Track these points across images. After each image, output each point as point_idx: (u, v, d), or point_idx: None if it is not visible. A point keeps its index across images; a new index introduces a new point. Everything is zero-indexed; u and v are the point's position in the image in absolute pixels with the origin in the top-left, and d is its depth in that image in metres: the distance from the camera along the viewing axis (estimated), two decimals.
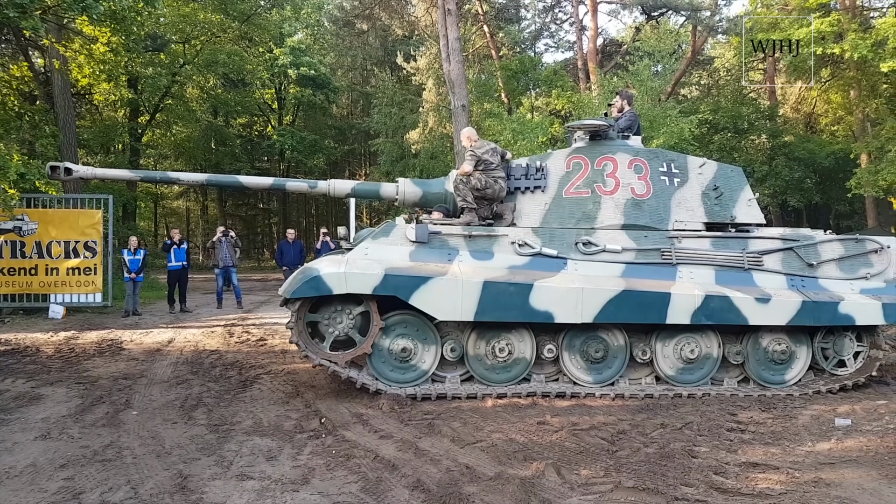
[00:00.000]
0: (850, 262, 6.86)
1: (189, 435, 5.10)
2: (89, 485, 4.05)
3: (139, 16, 12.93)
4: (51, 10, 11.16)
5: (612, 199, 6.83)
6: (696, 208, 6.99)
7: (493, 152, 6.86)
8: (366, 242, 6.54)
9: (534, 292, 6.10)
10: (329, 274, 6.02)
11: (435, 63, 24.46)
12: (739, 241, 6.82)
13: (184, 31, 20.47)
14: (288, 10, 26.23)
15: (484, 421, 5.49)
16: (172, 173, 7.88)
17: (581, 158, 6.99)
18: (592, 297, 6.15)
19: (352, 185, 7.61)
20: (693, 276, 6.52)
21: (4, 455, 4.59)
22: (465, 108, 17.62)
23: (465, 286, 6.06)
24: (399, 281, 6.05)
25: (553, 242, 6.58)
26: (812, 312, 6.40)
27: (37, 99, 18.45)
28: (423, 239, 6.47)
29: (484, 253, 6.49)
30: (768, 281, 6.61)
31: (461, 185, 6.78)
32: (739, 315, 6.29)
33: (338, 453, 4.68)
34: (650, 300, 6.21)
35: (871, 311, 6.50)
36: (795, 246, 6.80)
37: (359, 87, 31.97)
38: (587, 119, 7.43)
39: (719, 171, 7.23)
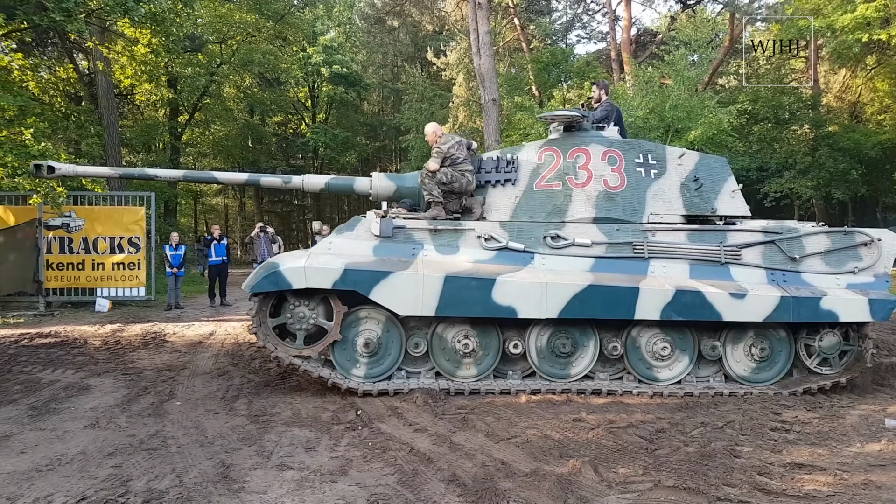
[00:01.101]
0: (838, 255, 6.57)
1: (230, 425, 5.23)
2: (136, 472, 4.19)
3: (178, 17, 13.23)
4: (94, 14, 11.49)
5: (584, 191, 6.69)
6: (674, 200, 6.82)
7: (458, 146, 6.78)
8: (331, 237, 6.58)
9: (496, 287, 6.01)
10: (289, 269, 6.00)
11: (465, 58, 24.44)
12: (717, 234, 6.59)
13: (220, 32, 20.84)
14: (320, 8, 26.50)
15: (518, 417, 5.50)
16: (151, 170, 8.07)
17: (553, 150, 6.87)
18: (557, 292, 6.03)
19: (325, 180, 7.65)
20: (666, 270, 6.35)
21: (56, 443, 4.77)
22: (496, 103, 17.57)
23: (426, 281, 6.00)
24: (359, 276, 6.02)
25: (521, 236, 6.51)
26: (791, 308, 6.14)
27: (82, 100, 19.01)
28: (387, 233, 6.44)
29: (449, 247, 6.44)
30: (747, 275, 6.39)
31: (427, 180, 6.74)
32: (713, 311, 6.08)
33: (374, 445, 4.75)
34: (617, 295, 6.06)
35: (857, 308, 6.19)
36: (777, 239, 6.55)
37: (389, 84, 32.14)
38: (559, 110, 7.24)
39: (701, 161, 7.02)
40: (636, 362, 6.47)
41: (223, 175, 8.06)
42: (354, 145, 30.10)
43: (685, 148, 14.51)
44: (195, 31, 20.35)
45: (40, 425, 5.20)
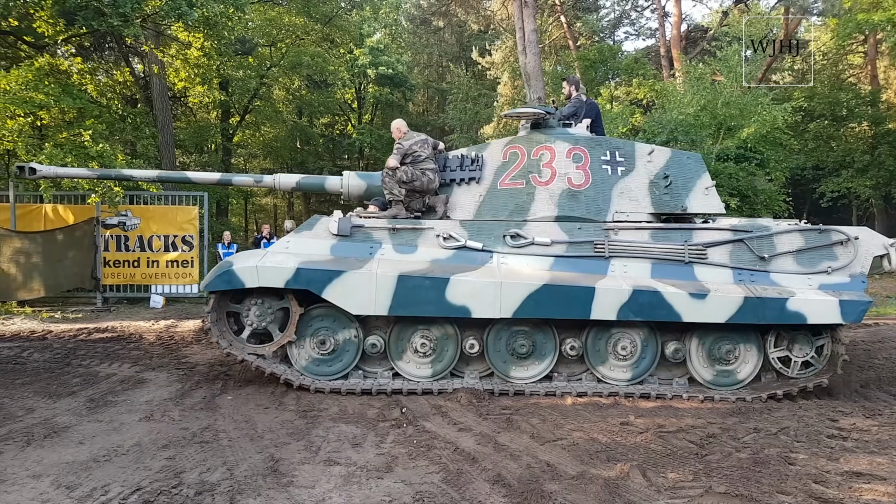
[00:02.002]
0: (811, 254, 6.29)
1: (280, 420, 5.33)
2: (189, 465, 4.30)
3: (229, 21, 13.54)
4: (150, 18, 11.87)
5: (547, 190, 6.60)
6: (642, 198, 6.69)
7: (422, 144, 6.76)
8: (289, 236, 6.62)
9: (450, 286, 5.96)
10: (242, 268, 6.07)
11: (510, 56, 24.33)
12: (682, 232, 6.40)
13: (270, 35, 21.23)
14: (367, 10, 26.74)
15: (564, 419, 5.45)
16: (126, 171, 8.22)
17: (518, 148, 6.80)
18: (512, 292, 5.95)
19: (297, 179, 7.69)
20: (626, 269, 6.22)
21: (113, 434, 4.93)
22: (542, 101, 17.43)
23: (380, 280, 5.98)
24: (311, 275, 6.03)
25: (481, 235, 6.45)
26: (755, 310, 5.89)
27: (137, 102, 19.66)
28: (345, 232, 6.44)
29: (407, 246, 6.41)
30: (711, 275, 6.19)
31: (387, 179, 6.73)
32: (672, 311, 5.91)
33: (419, 443, 4.77)
34: (573, 295, 5.95)
35: (826, 309, 5.89)
36: (746, 237, 6.30)
37: (434, 84, 32.23)
38: (522, 107, 7.06)
39: (672, 158, 6.86)
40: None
41: (196, 175, 8.23)
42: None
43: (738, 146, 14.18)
44: (246, 34, 20.80)
45: (98, 417, 5.39)
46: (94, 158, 10.79)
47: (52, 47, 13.86)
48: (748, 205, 14.90)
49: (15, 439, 4.75)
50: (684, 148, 13.94)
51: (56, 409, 5.62)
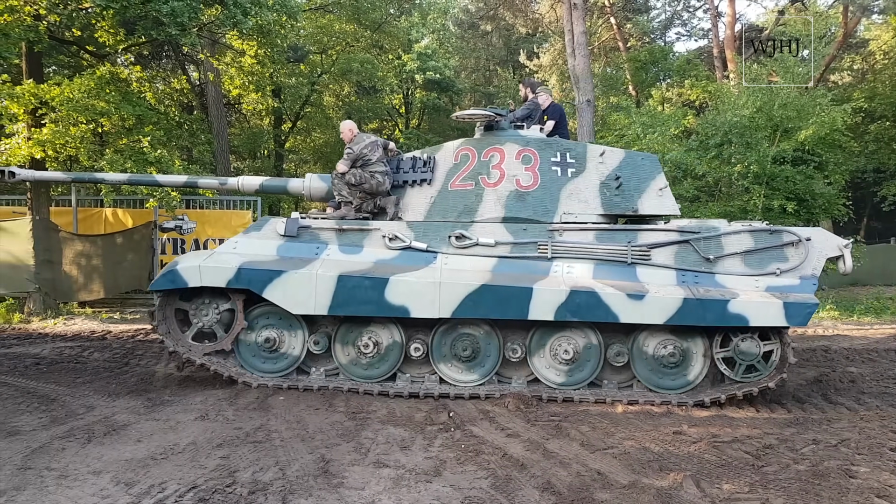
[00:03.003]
0: (760, 255, 6.12)
1: (329, 421, 5.40)
2: (242, 464, 4.39)
3: (282, 29, 13.84)
4: (206, 27, 12.22)
5: (495, 191, 6.62)
6: (592, 199, 6.65)
7: (373, 147, 6.81)
8: (238, 236, 6.74)
9: (389, 286, 6.02)
10: (185, 267, 6.19)
11: (559, 59, 24.14)
12: (627, 233, 6.35)
13: (321, 42, 21.62)
14: (416, 16, 26.94)
15: (615, 427, 5.36)
16: (98, 174, 8.48)
17: (469, 150, 6.84)
18: (450, 292, 5.98)
19: (260, 182, 7.77)
20: (569, 270, 6.20)
21: (169, 433, 5.07)
22: (591, 103, 17.24)
23: (319, 280, 6.05)
24: (252, 274, 6.14)
25: (428, 236, 6.50)
26: (695, 311, 5.77)
27: (194, 109, 20.28)
28: (291, 233, 6.55)
29: (353, 247, 6.50)
30: (654, 276, 6.11)
31: (336, 181, 6.82)
32: (609, 312, 5.85)
33: (467, 448, 4.76)
34: (510, 295, 5.94)
35: (769, 311, 5.72)
36: (692, 238, 6.20)
37: (481, 88, 32.22)
38: (472, 109, 7.08)
39: (626, 159, 6.81)
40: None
41: (163, 178, 8.45)
42: None
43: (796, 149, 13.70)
44: (298, 42, 21.22)
45: (155, 416, 5.55)
46: (153, 164, 11.17)
47: (112, 56, 14.40)
48: (806, 209, 14.39)
49: (76, 436, 4.93)
50: (739, 150, 13.57)
51: (115, 407, 5.82)
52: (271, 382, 6.38)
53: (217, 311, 6.49)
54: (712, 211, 13.60)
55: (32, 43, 10.86)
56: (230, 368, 6.46)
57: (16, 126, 11.17)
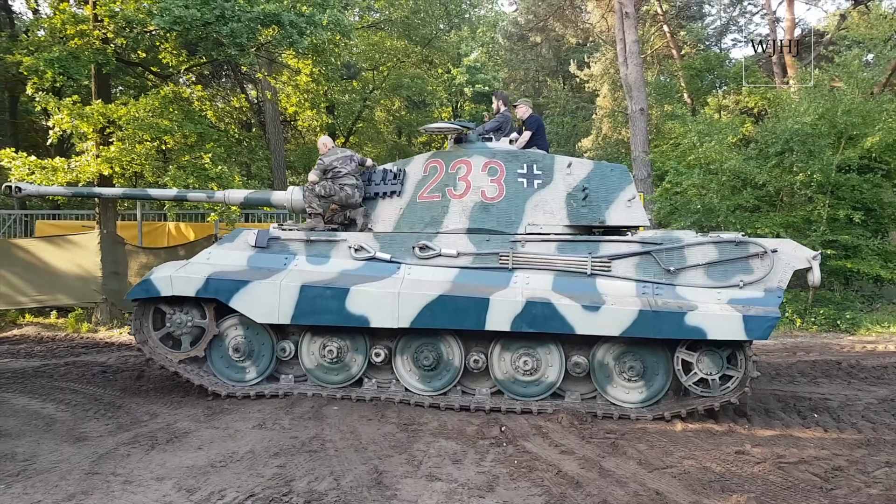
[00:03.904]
0: (724, 267, 6.00)
1: (382, 432, 5.43)
2: (298, 473, 4.46)
3: (336, 47, 14.16)
4: (263, 47, 12.60)
5: (461, 202, 6.71)
6: (558, 211, 6.67)
7: (345, 160, 6.99)
8: (211, 248, 6.98)
9: (350, 296, 6.15)
10: (158, 277, 6.46)
11: (610, 68, 23.87)
12: (588, 244, 6.32)
13: (373, 59, 21.99)
14: (465, 30, 27.14)
15: (673, 445, 5.21)
16: (96, 189, 8.91)
17: (437, 162, 6.96)
18: (409, 302, 6.07)
19: (244, 194, 8.06)
20: (528, 281, 6.19)
21: (229, 441, 5.20)
22: (644, 112, 16.99)
23: (283, 290, 6.24)
24: (219, 284, 6.37)
25: (394, 247, 6.61)
26: (651, 323, 5.67)
27: (252, 126, 20.91)
28: (262, 244, 6.76)
29: (320, 257, 6.66)
30: (613, 288, 6.05)
31: (307, 193, 7.05)
32: (564, 323, 5.83)
33: (520, 464, 4.71)
34: (467, 305, 6.00)
35: (727, 324, 5.57)
36: (654, 250, 6.13)
37: (531, 99, 32.16)
38: (440, 123, 7.18)
39: (594, 170, 6.80)
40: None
41: (156, 192, 8.79)
42: None
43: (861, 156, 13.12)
44: (351, 59, 21.66)
45: (214, 424, 5.70)
46: (214, 180, 11.54)
47: (175, 76, 15.00)
48: (874, 218, 13.76)
49: (141, 443, 5.11)
50: (801, 159, 13.10)
51: (177, 414, 6.00)
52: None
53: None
54: (773, 221, 13.14)
55: (101, 65, 11.41)
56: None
57: (86, 144, 11.74)
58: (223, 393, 6.54)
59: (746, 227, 12.95)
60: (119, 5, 10.87)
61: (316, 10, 11.67)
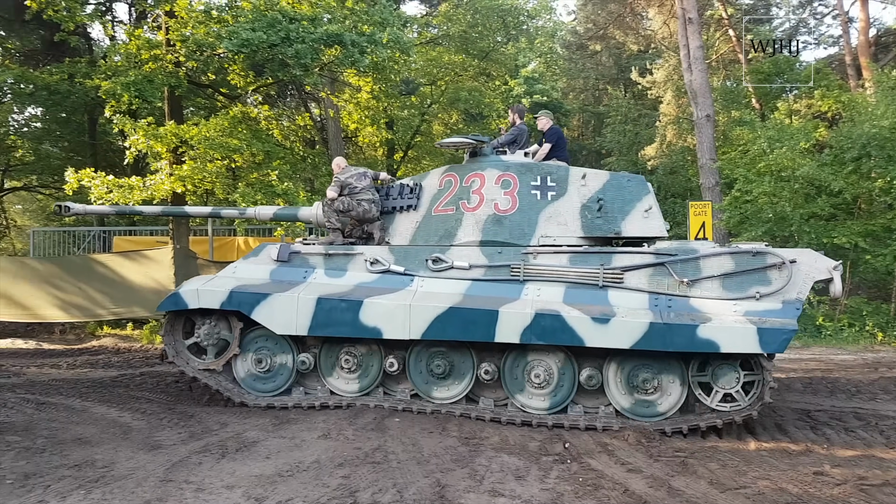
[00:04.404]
0: (741, 279, 5.82)
1: (444, 445, 5.43)
2: (362, 484, 4.49)
3: (396, 64, 14.40)
4: (326, 67, 12.95)
5: (474, 215, 6.77)
6: (572, 222, 6.63)
7: (360, 177, 7.21)
8: (238, 262, 7.28)
9: (363, 308, 6.29)
10: (186, 291, 6.76)
11: (674, 74, 23.36)
12: (601, 256, 6.24)
13: (431, 74, 22.25)
14: (523, 42, 27.12)
15: (747, 465, 5.00)
16: (137, 207, 9.50)
17: (452, 176, 7.06)
18: (420, 314, 6.16)
19: (273, 211, 8.38)
20: (540, 293, 6.16)
21: (295, 450, 5.30)
22: (710, 118, 16.54)
23: (301, 302, 6.42)
24: (242, 297, 6.60)
25: (408, 259, 6.72)
26: (662, 336, 5.57)
27: (315, 143, 21.46)
28: (283, 258, 6.99)
29: (338, 271, 6.83)
30: (625, 300, 5.94)
31: (326, 208, 7.31)
32: (574, 336, 5.78)
33: (585, 482, 4.61)
34: (477, 318, 6.03)
35: (742, 337, 5.41)
36: (669, 261, 5.99)
37: (590, 108, 31.77)
38: (455, 137, 7.19)
39: (610, 181, 6.73)
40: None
41: (193, 209, 9.28)
42: None
43: None
44: (410, 75, 21.98)
45: (282, 433, 5.82)
46: (280, 196, 11.90)
47: (243, 97, 15.58)
48: None
49: (212, 451, 5.26)
50: (880, 164, 12.46)
51: (246, 424, 6.16)
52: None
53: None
54: (851, 230, 12.51)
55: (173, 87, 11.97)
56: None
57: (160, 163, 12.32)
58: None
59: (822, 236, 12.40)
60: (190, 30, 11.40)
61: (376, 29, 11.93)
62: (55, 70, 15.19)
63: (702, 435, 5.82)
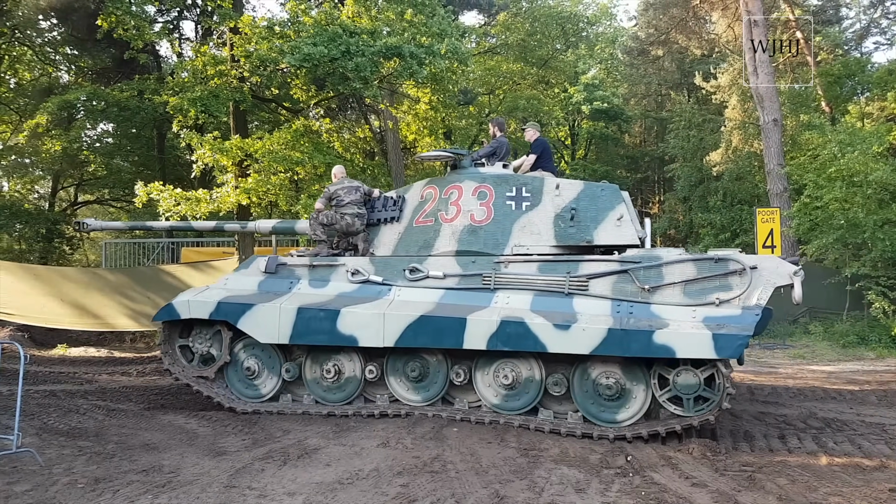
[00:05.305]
0: (702, 285, 5.91)
1: (502, 456, 5.39)
2: (421, 493, 4.50)
3: (454, 75, 14.51)
4: (385, 79, 13.17)
5: (451, 226, 6.95)
6: (545, 231, 6.74)
7: (350, 190, 7.39)
8: (230, 273, 7.58)
9: (340, 317, 6.51)
10: (179, 302, 7.06)
11: (739, 78, 22.66)
12: (568, 264, 6.39)
13: (489, 83, 22.35)
14: (582, 48, 26.87)
15: (818, 481, 4.78)
16: (149, 223, 9.90)
17: (433, 188, 7.26)
18: (393, 322, 6.35)
19: (273, 224, 8.72)
20: (509, 301, 6.31)
21: (355, 458, 5.37)
22: (777, 123, 15.98)
23: (282, 312, 6.66)
24: (228, 307, 6.86)
25: (387, 270, 6.91)
26: (620, 342, 5.70)
27: (375, 155, 21.82)
28: (271, 269, 7.23)
29: (321, 281, 7.05)
30: (589, 307, 6.06)
31: (312, 221, 7.54)
32: (537, 342, 5.96)
33: (647, 495, 4.50)
34: (446, 325, 6.23)
35: (697, 343, 5.47)
36: (632, 268, 6.09)
37: (653, 114, 31.15)
38: (434, 151, 7.34)
39: (584, 191, 6.81)
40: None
41: (198, 224, 9.57)
42: (614, 179, 29.68)
43: None
44: (468, 85, 22.11)
45: (342, 441, 5.91)
46: None
47: (305, 111, 15.98)
48: None
49: (274, 458, 5.37)
50: None
51: (308, 431, 6.28)
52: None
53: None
54: None
55: (238, 102, 12.41)
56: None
57: (225, 176, 12.77)
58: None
59: None
60: (254, 46, 11.80)
61: (435, 41, 12.05)
62: (125, 87, 15.98)
63: (770, 450, 5.61)
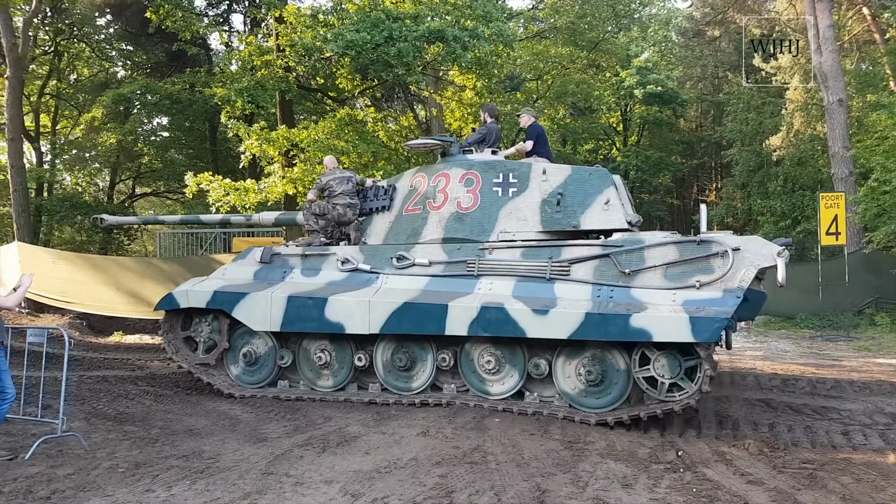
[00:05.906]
0: (683, 268, 5.82)
1: (545, 448, 5.21)
2: (459, 484, 4.37)
3: (499, 59, 14.27)
4: (429, 65, 13.05)
5: (438, 213, 6.99)
6: (531, 217, 6.71)
7: (342, 181, 7.48)
8: (228, 264, 7.73)
9: (328, 305, 6.59)
10: (178, 291, 7.24)
11: (801, 58, 21.61)
12: (550, 249, 6.39)
13: (537, 69, 21.95)
14: (635, 30, 26.12)
15: (885, 480, 4.46)
16: (160, 216, 9.86)
17: (422, 177, 7.29)
18: (378, 310, 6.41)
19: (275, 216, 8.81)
20: (492, 287, 6.33)
21: (394, 447, 5.28)
22: (843, 103, 15.16)
23: (273, 300, 6.77)
24: (223, 297, 7.02)
25: (376, 258, 6.97)
26: (597, 326, 5.69)
27: None
28: (266, 259, 7.38)
29: (313, 270, 7.16)
30: (570, 291, 6.05)
31: (305, 211, 7.68)
32: (517, 327, 5.98)
33: (699, 492, 4.25)
34: (428, 312, 6.27)
35: (673, 326, 5.38)
36: (613, 252, 6.08)
37: (709, 97, 30.09)
38: (422, 139, 7.16)
39: (572, 175, 6.78)
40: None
41: (206, 217, 9.96)
42: (668, 165, 28.84)
43: None
44: (514, 70, 21.76)
45: (382, 429, 5.84)
46: None
47: (350, 101, 16.01)
48: None
49: (313, 445, 5.34)
50: None
51: (349, 419, 6.24)
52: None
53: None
54: None
55: (284, 92, 12.50)
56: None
57: (272, 167, 12.90)
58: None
59: None
60: (298, 35, 11.84)
61: (479, 24, 11.84)
62: (177, 80, 16.30)
63: (833, 446, 5.26)
